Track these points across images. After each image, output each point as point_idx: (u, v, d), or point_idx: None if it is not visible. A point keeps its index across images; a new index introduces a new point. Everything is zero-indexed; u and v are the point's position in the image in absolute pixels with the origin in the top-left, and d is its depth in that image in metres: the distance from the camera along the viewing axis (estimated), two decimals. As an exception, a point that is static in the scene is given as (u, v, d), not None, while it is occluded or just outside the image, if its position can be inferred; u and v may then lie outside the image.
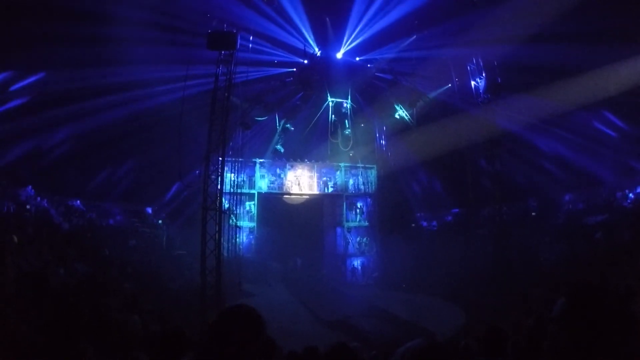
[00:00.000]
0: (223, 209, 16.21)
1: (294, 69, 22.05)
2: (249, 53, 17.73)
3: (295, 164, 24.44)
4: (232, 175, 19.87)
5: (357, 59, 22.41)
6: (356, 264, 24.12)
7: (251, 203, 23.08)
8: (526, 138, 21.22)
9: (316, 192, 24.78)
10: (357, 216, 24.99)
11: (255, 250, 22.75)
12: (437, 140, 21.36)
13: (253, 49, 18.42)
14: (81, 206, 21.31)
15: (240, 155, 20.65)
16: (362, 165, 25.31)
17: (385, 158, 25.42)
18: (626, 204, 18.67)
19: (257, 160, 23.64)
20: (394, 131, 24.54)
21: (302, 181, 24.37)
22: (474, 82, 20.02)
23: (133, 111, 19.42)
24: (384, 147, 25.87)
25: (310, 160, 24.86)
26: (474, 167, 21.50)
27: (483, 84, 19.54)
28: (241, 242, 21.31)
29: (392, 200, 24.25)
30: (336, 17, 20.47)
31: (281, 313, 15.96)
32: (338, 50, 21.77)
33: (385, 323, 15.48)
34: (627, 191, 19.03)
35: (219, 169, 15.80)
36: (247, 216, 22.82)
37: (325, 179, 24.90)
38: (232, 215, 18.91)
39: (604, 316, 1.73)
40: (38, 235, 14.74)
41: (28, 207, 17.69)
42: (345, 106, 23.87)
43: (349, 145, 24.21)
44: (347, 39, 21.13)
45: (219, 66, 15.87)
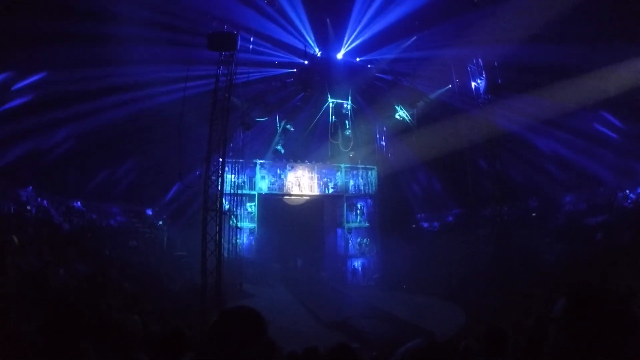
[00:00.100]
0: (223, 210, 16.23)
1: (294, 70, 22.03)
2: (249, 53, 17.76)
3: (295, 165, 24.45)
4: (233, 176, 19.89)
5: (358, 59, 22.38)
6: (357, 264, 24.11)
7: (252, 204, 23.10)
8: (526, 138, 21.20)
9: (316, 193, 24.78)
10: (358, 217, 24.98)
11: (255, 251, 22.75)
12: (438, 141, 21.36)
13: (253, 49, 18.43)
14: (81, 207, 21.33)
15: (240, 156, 20.68)
16: (363, 166, 25.31)
17: (385, 159, 25.40)
18: (627, 204, 18.66)
19: (257, 161, 23.66)
20: (395, 132, 24.52)
21: (302, 182, 24.37)
22: (474, 82, 20.01)
23: (133, 111, 19.41)
24: (384, 148, 25.86)
25: (310, 161, 24.86)
26: (474, 168, 21.50)
27: (483, 84, 19.53)
28: (242, 243, 21.34)
29: (392, 201, 24.25)
30: (336, 17, 20.45)
31: (281, 314, 15.96)
32: (338, 50, 21.75)
33: (386, 324, 15.48)
34: (628, 191, 19.02)
35: (220, 170, 15.82)
36: (247, 217, 22.83)
37: (325, 179, 24.90)
38: (232, 216, 18.91)
39: (605, 316, 1.72)
40: (38, 235, 14.75)
41: (28, 207, 17.71)
42: (345, 107, 23.85)
43: (349, 146, 24.18)
44: (348, 39, 21.10)
45: (220, 67, 15.91)
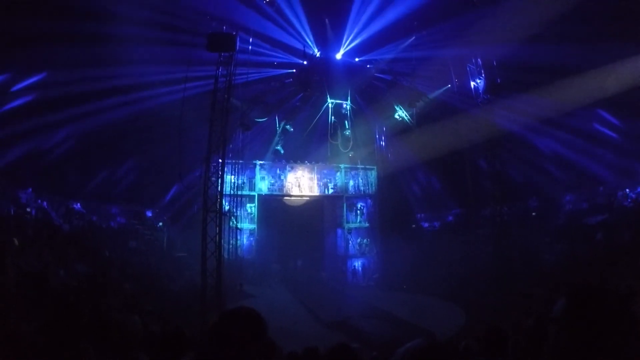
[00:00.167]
0: (223, 210, 16.22)
1: (294, 70, 22.03)
2: (248, 54, 17.75)
3: (295, 166, 24.45)
4: (232, 177, 19.88)
5: (357, 59, 22.37)
6: (357, 265, 24.11)
7: (251, 205, 23.10)
8: (526, 138, 21.21)
9: (316, 194, 24.78)
10: (358, 217, 24.99)
11: (255, 252, 22.74)
12: (437, 141, 21.35)
13: (253, 50, 18.42)
14: (81, 208, 21.33)
15: (240, 157, 20.66)
16: (362, 167, 25.30)
17: (385, 159, 25.40)
18: (627, 203, 18.65)
19: (257, 162, 23.66)
20: (394, 132, 24.52)
21: (302, 183, 24.37)
22: (473, 82, 20.00)
23: (133, 112, 19.38)
24: (384, 148, 25.86)
25: (310, 162, 24.86)
26: (474, 168, 21.50)
27: (482, 84, 19.52)
28: (242, 244, 21.33)
29: (392, 201, 24.25)
30: (335, 17, 20.43)
31: (282, 314, 15.95)
32: (337, 51, 21.74)
33: (386, 324, 15.47)
34: (628, 190, 19.02)
35: (219, 171, 15.82)
36: (247, 218, 22.83)
37: (325, 180, 24.90)
38: (232, 217, 18.91)
39: (604, 316, 1.72)
40: (38, 236, 14.74)
41: (28, 209, 17.70)
42: (345, 107, 23.85)
43: (348, 146, 24.17)
44: (347, 39, 21.09)
45: (219, 68, 15.91)
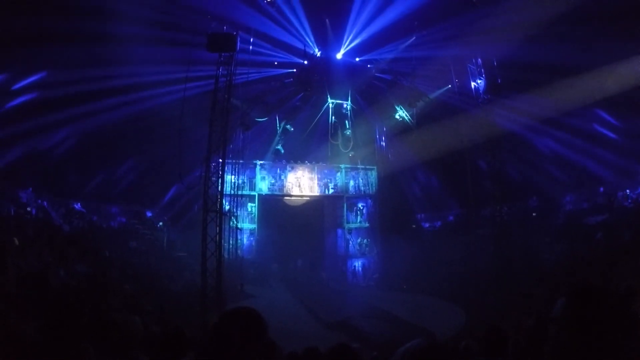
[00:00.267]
0: (224, 211, 16.22)
1: (294, 70, 22.03)
2: (249, 54, 17.74)
3: (295, 166, 24.46)
4: (233, 177, 19.87)
5: (357, 59, 22.36)
6: (357, 265, 24.11)
7: (252, 205, 23.10)
8: (526, 138, 21.21)
9: (317, 194, 24.78)
10: (358, 217, 24.99)
11: (256, 252, 22.75)
12: (438, 141, 21.34)
13: (253, 49, 18.40)
14: (82, 208, 21.34)
15: (240, 157, 20.66)
16: (363, 167, 25.30)
17: (385, 159, 25.39)
18: (627, 203, 18.65)
19: (257, 162, 23.68)
20: (394, 132, 24.52)
21: (302, 183, 24.38)
22: (474, 82, 19.99)
23: (133, 112, 19.38)
24: (384, 148, 25.85)
25: (310, 162, 24.86)
26: (474, 168, 21.48)
27: (483, 84, 19.51)
28: (242, 244, 21.33)
29: (392, 201, 24.24)
30: (336, 17, 20.43)
31: (282, 314, 15.95)
32: (338, 50, 21.73)
33: (386, 324, 15.47)
34: (628, 191, 19.01)
35: (220, 171, 15.81)
36: (247, 218, 22.84)
37: (325, 180, 24.91)
38: (232, 217, 18.91)
39: (605, 316, 1.73)
40: (38, 236, 14.74)
41: (28, 208, 17.71)
42: (345, 107, 23.86)
43: (349, 146, 24.18)
44: (347, 39, 21.09)
45: (219, 68, 15.90)
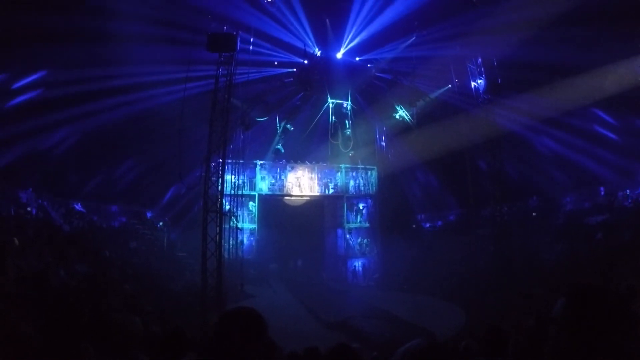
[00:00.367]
0: (224, 211, 16.22)
1: (294, 70, 22.03)
2: (249, 53, 17.71)
3: (295, 166, 24.47)
4: (233, 177, 19.89)
5: (357, 58, 22.34)
6: (357, 265, 24.12)
7: (252, 205, 23.10)
8: (526, 138, 21.19)
9: (317, 194, 24.80)
10: (358, 217, 25.01)
11: (256, 252, 22.77)
12: (438, 141, 21.34)
13: (253, 49, 18.36)
14: (82, 208, 21.33)
15: (240, 157, 20.66)
16: (363, 167, 25.32)
17: (385, 159, 25.40)
18: (627, 203, 18.64)
19: (257, 162, 23.69)
20: (395, 132, 24.52)
21: (302, 183, 24.40)
22: (474, 82, 19.98)
23: (133, 112, 19.37)
24: (384, 148, 25.85)
25: (310, 162, 24.88)
26: (474, 167, 21.47)
27: (483, 84, 19.50)
28: (242, 244, 21.34)
29: (392, 201, 24.25)
30: (336, 16, 20.42)
31: (282, 314, 15.96)
32: (338, 50, 21.71)
33: (386, 324, 15.45)
34: (628, 191, 19.00)
35: (220, 171, 15.81)
36: (248, 218, 22.85)
37: (325, 180, 24.94)
38: (232, 217, 18.91)
39: (605, 316, 1.73)
40: (39, 236, 14.73)
41: (29, 209, 17.70)
42: (345, 107, 23.86)
43: (349, 146, 24.18)
44: (347, 38, 21.08)
45: (219, 68, 15.89)
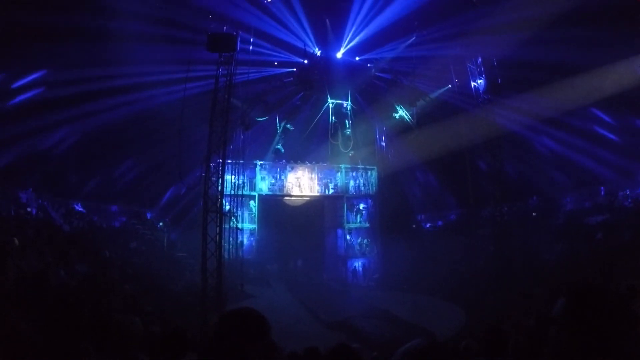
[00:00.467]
0: (224, 211, 16.21)
1: (294, 69, 22.03)
2: (249, 53, 17.70)
3: (295, 166, 24.47)
4: (233, 177, 19.90)
5: (357, 58, 22.36)
6: (357, 265, 24.11)
7: (252, 205, 23.10)
8: (527, 137, 21.19)
9: (317, 194, 24.79)
10: (358, 217, 25.00)
11: (256, 252, 22.76)
12: (438, 141, 21.34)
13: (253, 49, 18.34)
14: (82, 208, 21.33)
15: (240, 157, 20.66)
16: (363, 167, 25.31)
17: (385, 159, 25.39)
18: (627, 203, 18.63)
19: (257, 162, 23.69)
20: (395, 132, 24.51)
21: (302, 183, 24.39)
22: (474, 82, 19.97)
23: (133, 112, 19.37)
24: (384, 148, 25.84)
25: (310, 162, 24.88)
26: (474, 167, 21.47)
27: (483, 84, 19.50)
28: (242, 244, 21.33)
29: (392, 201, 24.24)
30: (336, 16, 20.44)
31: (282, 314, 15.96)
32: (338, 50, 21.73)
33: (386, 324, 15.46)
34: (628, 191, 19.00)
35: (220, 171, 15.80)
36: (248, 218, 22.84)
37: (325, 180, 24.93)
38: (232, 217, 18.91)
39: (605, 316, 1.73)
40: (39, 237, 14.72)
41: (29, 209, 17.70)
42: (345, 107, 23.85)
43: (349, 146, 24.16)
44: (347, 38, 21.09)
45: (219, 68, 15.88)
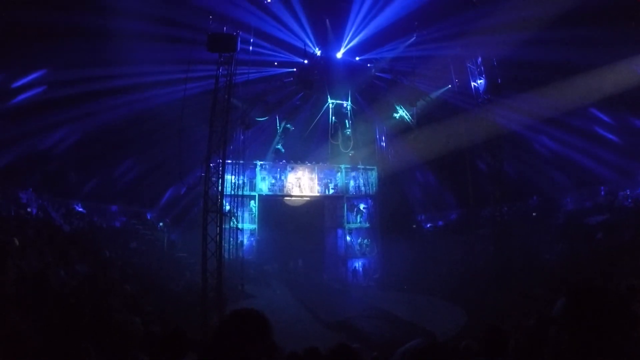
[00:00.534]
0: (224, 211, 16.21)
1: (294, 69, 22.03)
2: (249, 53, 17.70)
3: (295, 166, 24.47)
4: (233, 177, 19.90)
5: (357, 58, 22.36)
6: (357, 265, 24.11)
7: (252, 205, 23.10)
8: (527, 137, 21.19)
9: (317, 194, 24.79)
10: (358, 217, 24.99)
11: (256, 252, 22.76)
12: (438, 141, 21.34)
13: (253, 49, 18.34)
14: (82, 208, 21.32)
15: (240, 157, 20.66)
16: (363, 167, 25.31)
17: (385, 159, 25.40)
18: (627, 203, 18.63)
19: (257, 162, 23.68)
20: (395, 132, 24.51)
21: (302, 183, 24.39)
22: (474, 82, 19.97)
23: (134, 112, 19.37)
24: (384, 148, 25.85)
25: (310, 162, 24.87)
26: (474, 167, 21.47)
27: (483, 84, 19.50)
28: (242, 244, 21.33)
29: (392, 202, 24.24)
30: (336, 16, 20.44)
31: (282, 314, 15.96)
32: (338, 50, 21.73)
33: (386, 324, 15.46)
34: (629, 191, 18.99)
35: (220, 171, 15.80)
36: (248, 218, 22.84)
37: (326, 180, 24.92)
38: (233, 218, 18.91)
39: (605, 316, 1.73)
40: (39, 237, 14.72)
41: (29, 209, 17.70)
42: (345, 107, 23.84)
43: (349, 146, 24.17)
44: (347, 38, 21.09)
45: (219, 68, 15.88)
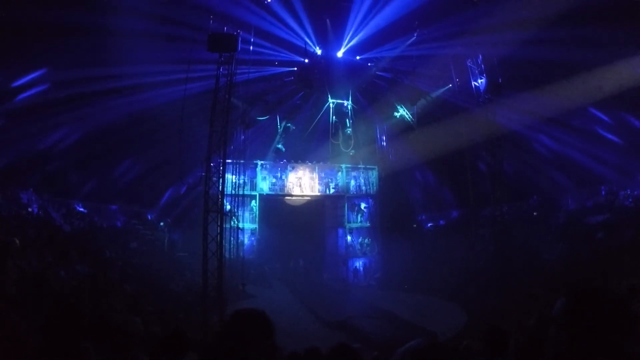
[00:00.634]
0: (225, 211, 16.21)
1: (295, 68, 22.02)
2: (249, 53, 17.69)
3: (296, 166, 24.47)
4: (234, 177, 19.90)
5: (358, 57, 22.36)
6: (358, 264, 24.11)
7: (253, 205, 23.11)
8: (527, 137, 21.17)
9: (317, 194, 24.79)
10: (359, 217, 24.99)
11: (257, 252, 22.76)
12: (439, 140, 21.33)
13: (254, 49, 18.32)
14: (82, 208, 21.33)
15: (241, 157, 20.65)
16: (363, 166, 25.31)
17: (386, 158, 25.40)
18: (628, 203, 18.61)
19: (258, 162, 23.68)
20: (395, 131, 24.52)
21: (303, 182, 24.39)
22: (474, 82, 19.96)
23: (134, 112, 19.35)
24: (385, 148, 25.85)
25: (311, 162, 24.87)
26: (474, 167, 21.46)
27: (484, 83, 19.49)
28: (243, 244, 21.33)
29: (393, 201, 24.25)
30: (336, 15, 20.44)
31: (282, 314, 15.95)
32: (338, 49, 21.74)
33: (387, 323, 15.47)
34: (629, 190, 18.98)
35: (220, 171, 15.80)
36: (249, 218, 22.85)
37: (326, 180, 24.92)
38: (233, 217, 18.91)
39: (605, 316, 1.72)
40: (39, 237, 14.74)
41: (29, 209, 17.71)
42: (346, 106, 23.85)
43: (350, 145, 24.17)
44: (348, 37, 21.09)
45: (220, 67, 15.87)
